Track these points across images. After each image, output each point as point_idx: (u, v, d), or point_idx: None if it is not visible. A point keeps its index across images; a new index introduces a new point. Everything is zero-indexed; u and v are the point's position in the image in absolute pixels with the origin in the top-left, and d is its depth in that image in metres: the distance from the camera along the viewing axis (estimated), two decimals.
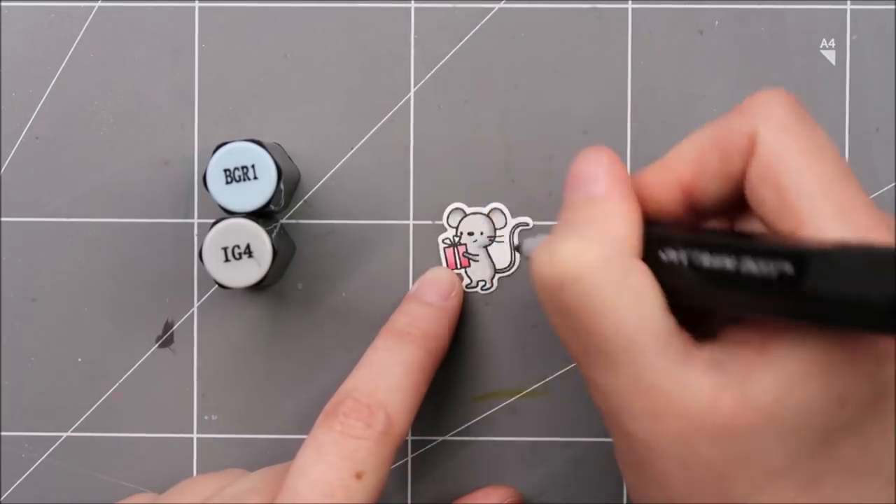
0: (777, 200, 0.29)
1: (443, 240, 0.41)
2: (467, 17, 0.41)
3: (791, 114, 0.30)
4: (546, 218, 0.41)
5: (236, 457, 0.41)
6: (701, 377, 0.29)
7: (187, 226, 0.41)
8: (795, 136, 0.30)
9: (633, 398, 0.30)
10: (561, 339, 0.32)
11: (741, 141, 0.30)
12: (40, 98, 0.41)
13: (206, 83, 0.41)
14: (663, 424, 0.29)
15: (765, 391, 0.28)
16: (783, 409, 0.28)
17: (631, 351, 0.30)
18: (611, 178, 0.32)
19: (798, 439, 0.28)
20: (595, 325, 0.30)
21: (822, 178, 0.29)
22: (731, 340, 0.30)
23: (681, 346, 0.30)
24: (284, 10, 0.41)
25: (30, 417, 0.41)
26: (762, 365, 0.28)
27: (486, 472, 0.41)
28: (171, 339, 0.41)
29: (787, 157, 0.29)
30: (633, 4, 0.41)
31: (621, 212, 0.31)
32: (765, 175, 0.30)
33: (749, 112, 0.30)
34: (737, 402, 0.28)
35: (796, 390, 0.28)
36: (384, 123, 0.41)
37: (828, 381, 0.28)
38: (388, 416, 0.35)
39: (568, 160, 0.41)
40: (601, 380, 0.31)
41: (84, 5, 0.41)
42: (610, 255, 0.30)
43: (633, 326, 0.30)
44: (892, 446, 0.29)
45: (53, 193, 0.41)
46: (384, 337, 0.38)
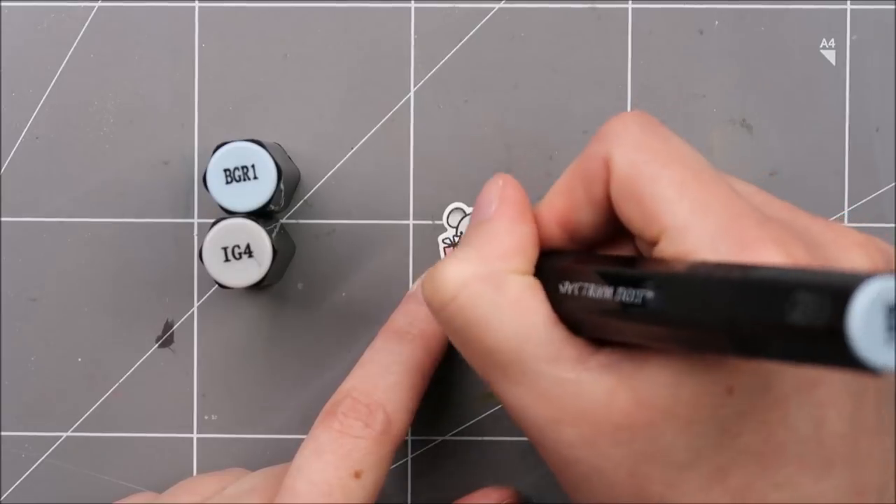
0: (639, 213, 0.30)
1: (443, 240, 0.41)
2: (467, 17, 0.41)
3: (641, 131, 0.31)
4: None
5: (236, 457, 0.41)
6: (595, 379, 0.30)
7: (187, 226, 0.41)
8: (646, 149, 0.30)
9: (533, 408, 0.31)
10: (465, 358, 0.32)
11: (598, 166, 0.31)
12: (40, 98, 0.41)
13: (206, 83, 0.41)
14: (566, 431, 0.30)
15: (656, 387, 0.29)
16: (676, 404, 0.29)
17: (519, 361, 0.31)
18: (500, 200, 0.33)
19: (696, 431, 0.29)
20: (480, 339, 0.31)
21: (674, 181, 0.30)
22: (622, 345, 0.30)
23: (573, 352, 0.30)
24: (284, 10, 0.41)
25: (30, 417, 0.41)
26: (654, 363, 0.29)
27: (486, 472, 0.41)
28: (171, 339, 0.41)
29: (640, 170, 0.30)
30: (633, 4, 0.41)
31: (504, 229, 0.32)
32: (623, 192, 0.30)
33: (602, 138, 0.31)
34: (631, 400, 0.29)
35: (685, 383, 0.28)
36: (384, 123, 0.41)
37: (714, 373, 0.28)
38: (386, 416, 0.35)
39: (568, 160, 0.41)
40: (504, 394, 0.31)
41: (84, 5, 0.41)
42: (485, 272, 0.31)
43: (516, 338, 0.31)
44: (797, 431, 0.29)
45: (53, 193, 0.41)
46: (383, 336, 0.38)
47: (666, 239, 0.29)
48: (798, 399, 0.29)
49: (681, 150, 0.31)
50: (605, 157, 0.31)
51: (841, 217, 0.41)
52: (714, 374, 0.28)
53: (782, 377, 0.29)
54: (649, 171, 0.30)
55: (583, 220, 0.32)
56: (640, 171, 0.30)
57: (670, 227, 0.29)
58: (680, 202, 0.29)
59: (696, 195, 0.29)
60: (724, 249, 0.28)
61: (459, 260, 0.32)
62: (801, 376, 0.29)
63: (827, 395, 0.29)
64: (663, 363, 0.29)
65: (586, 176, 0.32)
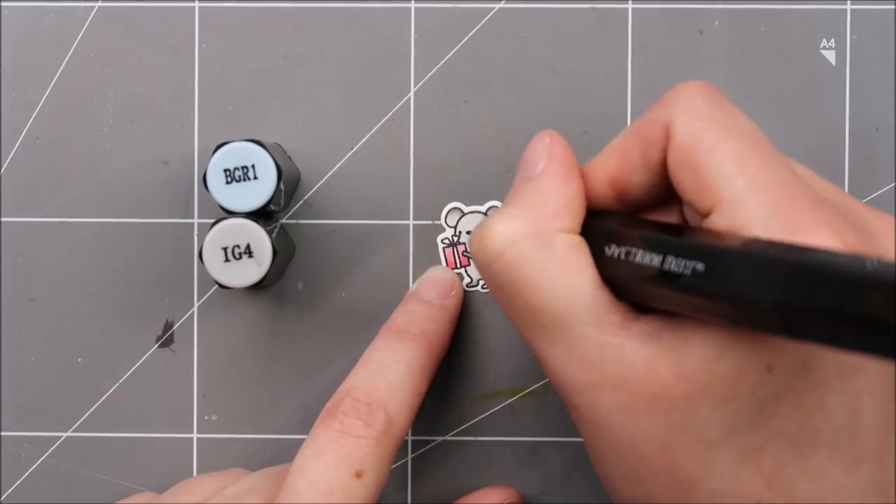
0: (695, 182, 0.30)
1: (442, 239, 0.41)
2: (467, 17, 0.41)
3: (705, 101, 0.31)
4: None
5: (236, 457, 0.41)
6: (637, 347, 0.30)
7: (187, 226, 0.41)
8: (708, 119, 0.30)
9: (573, 371, 0.30)
10: (507, 315, 0.32)
11: (658, 131, 0.31)
12: (40, 98, 0.41)
13: (206, 83, 0.41)
14: (604, 396, 0.30)
15: (696, 360, 0.29)
16: (715, 378, 0.29)
17: (563, 322, 0.30)
18: (548, 158, 0.33)
19: (733, 408, 0.29)
20: (525, 298, 0.31)
21: (734, 154, 0.29)
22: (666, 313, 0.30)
23: (616, 318, 0.30)
24: (284, 10, 0.41)
25: (30, 417, 0.41)
26: (695, 336, 0.29)
27: (486, 472, 0.41)
28: (171, 339, 0.41)
29: (700, 139, 0.30)
30: (633, 4, 0.41)
31: (552, 187, 0.32)
32: (681, 160, 0.30)
33: (666, 104, 0.31)
34: (671, 371, 0.29)
35: (726, 358, 0.28)
36: (384, 123, 0.41)
37: (756, 350, 0.28)
38: (387, 415, 0.35)
39: None
40: (543, 354, 0.31)
41: (84, 5, 0.41)
42: (534, 230, 0.31)
43: (563, 298, 0.30)
44: (834, 419, 0.29)
45: (53, 193, 0.41)
46: (384, 336, 0.38)
47: (719, 211, 0.29)
48: (838, 385, 0.29)
49: (744, 124, 0.30)
50: (667, 123, 0.31)
51: None
52: (755, 352, 0.28)
53: (823, 361, 0.29)
54: (709, 141, 0.30)
55: (635, 181, 0.32)
56: (700, 141, 0.30)
57: (725, 200, 0.29)
58: (737, 176, 0.29)
59: (755, 171, 0.29)
60: (778, 228, 0.28)
61: (508, 217, 0.32)
62: (842, 362, 0.29)
63: (866, 385, 0.29)
64: (705, 336, 0.29)
65: (645, 139, 0.31)
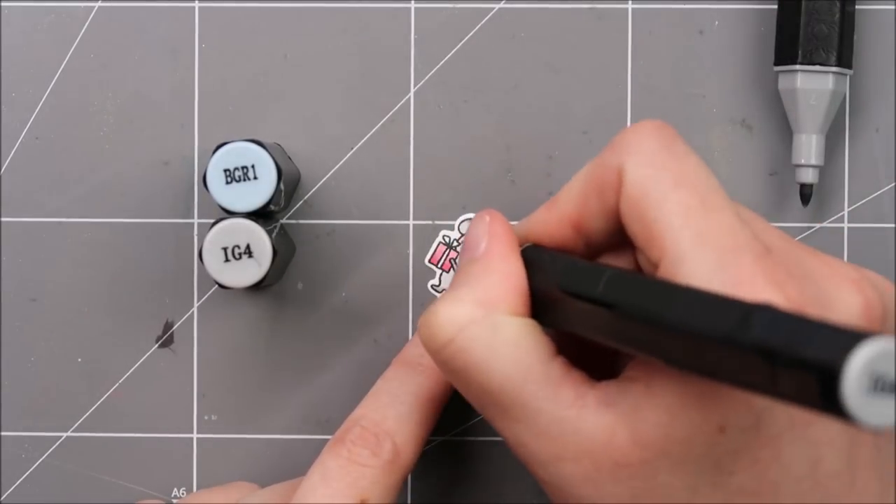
0: (643, 232, 0.30)
1: (444, 236, 0.41)
2: (467, 17, 0.41)
3: (657, 146, 0.31)
4: None
5: (236, 457, 0.41)
6: (593, 417, 0.30)
7: (187, 226, 0.41)
8: (659, 167, 0.30)
9: (534, 446, 0.31)
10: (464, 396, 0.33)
11: (611, 176, 0.31)
12: (40, 98, 0.41)
13: (206, 83, 0.41)
14: (568, 468, 0.30)
15: (651, 426, 0.29)
16: (670, 442, 0.29)
17: (519, 401, 0.31)
18: (490, 237, 0.33)
19: (691, 470, 0.29)
20: (478, 381, 0.31)
21: (680, 207, 0.30)
22: (623, 377, 0.31)
23: (570, 391, 0.31)
24: (284, 10, 0.41)
25: (30, 417, 0.41)
26: (648, 401, 0.29)
27: (486, 472, 0.41)
28: (171, 339, 0.41)
29: (649, 189, 0.30)
30: (633, 4, 0.41)
31: (496, 269, 0.33)
32: (630, 210, 0.30)
33: (617, 148, 0.31)
34: (628, 438, 0.29)
35: (679, 422, 0.29)
36: (384, 123, 0.41)
37: (705, 411, 0.28)
38: (395, 446, 0.35)
39: (568, 160, 0.41)
40: (503, 431, 0.32)
41: (84, 5, 0.41)
42: (480, 314, 0.31)
43: (515, 379, 0.31)
44: (792, 470, 0.29)
45: (53, 193, 0.41)
46: (395, 367, 0.38)
47: (664, 265, 0.29)
48: (791, 437, 0.29)
49: (694, 170, 0.31)
50: (619, 169, 0.31)
51: (841, 217, 0.41)
52: (705, 413, 0.29)
53: (775, 415, 0.29)
54: (658, 192, 0.30)
55: (595, 227, 0.32)
56: (648, 192, 0.30)
57: (670, 254, 0.29)
58: (682, 230, 0.29)
59: (699, 225, 0.29)
60: (720, 284, 0.28)
61: (454, 302, 0.32)
62: (794, 415, 0.29)
63: (823, 434, 0.29)
64: (657, 403, 0.29)
65: (600, 185, 0.32)
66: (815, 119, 0.39)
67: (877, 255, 0.40)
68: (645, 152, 0.31)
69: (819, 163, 0.39)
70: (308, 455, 0.39)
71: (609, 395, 0.30)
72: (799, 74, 0.39)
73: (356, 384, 0.40)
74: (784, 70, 0.39)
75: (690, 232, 0.29)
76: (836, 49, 0.38)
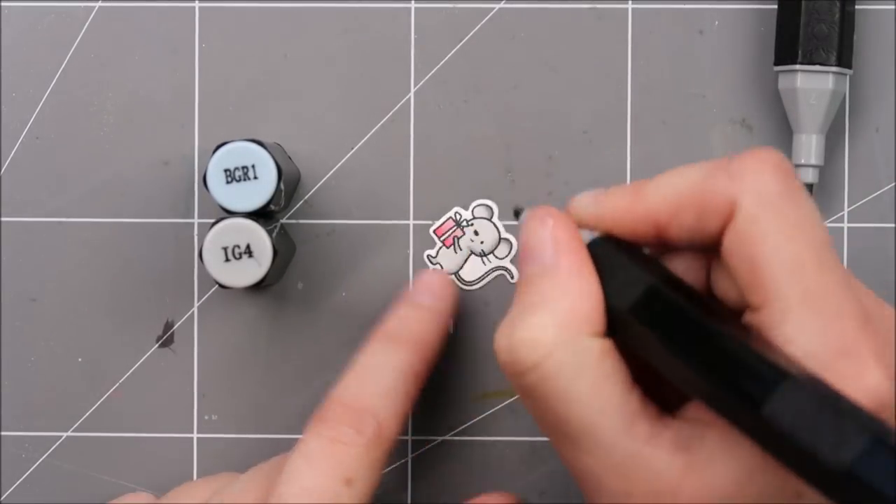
0: (748, 274, 0.29)
1: (455, 212, 0.40)
2: (467, 17, 0.41)
3: (776, 186, 0.30)
4: None
5: (236, 457, 0.41)
6: (667, 459, 0.29)
7: (187, 226, 0.41)
8: (776, 211, 0.29)
9: (603, 478, 0.30)
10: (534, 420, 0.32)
11: (721, 204, 0.30)
12: (40, 98, 0.41)
13: (206, 83, 0.41)
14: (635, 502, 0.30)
15: (727, 478, 0.29)
16: (743, 498, 0.28)
17: (595, 434, 0.30)
18: (557, 246, 0.31)
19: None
20: (557, 409, 0.30)
21: (794, 261, 0.29)
22: (695, 419, 0.30)
23: (646, 425, 0.30)
24: (284, 10, 0.41)
25: (30, 417, 0.41)
26: (725, 451, 0.29)
27: (486, 472, 0.41)
28: (171, 339, 0.41)
29: (763, 233, 0.29)
30: (633, 4, 0.41)
31: (573, 285, 0.31)
32: (739, 247, 0.29)
33: (735, 175, 0.30)
34: (701, 485, 0.29)
35: (756, 481, 0.28)
36: (384, 123, 0.41)
37: (785, 476, 0.28)
38: (377, 422, 0.35)
39: (568, 160, 0.41)
40: (573, 462, 0.31)
41: (84, 5, 0.41)
42: (566, 338, 0.30)
43: (594, 410, 0.30)
44: None
45: (53, 193, 0.41)
46: (374, 341, 0.37)
47: (766, 314, 0.29)
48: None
49: (809, 219, 0.30)
50: (731, 200, 0.30)
51: (841, 217, 0.41)
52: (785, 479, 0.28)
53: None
54: (773, 240, 0.29)
55: (680, 238, 0.31)
56: (763, 237, 0.29)
57: (775, 307, 0.29)
58: (793, 286, 0.29)
59: (810, 283, 0.29)
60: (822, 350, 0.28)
61: (538, 326, 0.30)
62: None
63: None
64: (736, 457, 0.29)
65: (703, 205, 0.30)
66: (815, 119, 0.39)
67: (877, 255, 0.40)
68: (764, 191, 0.30)
69: (819, 163, 0.39)
70: None
71: (683, 436, 0.30)
72: (799, 74, 0.39)
73: None
74: (784, 70, 0.39)
75: (800, 289, 0.28)
76: (836, 49, 0.38)
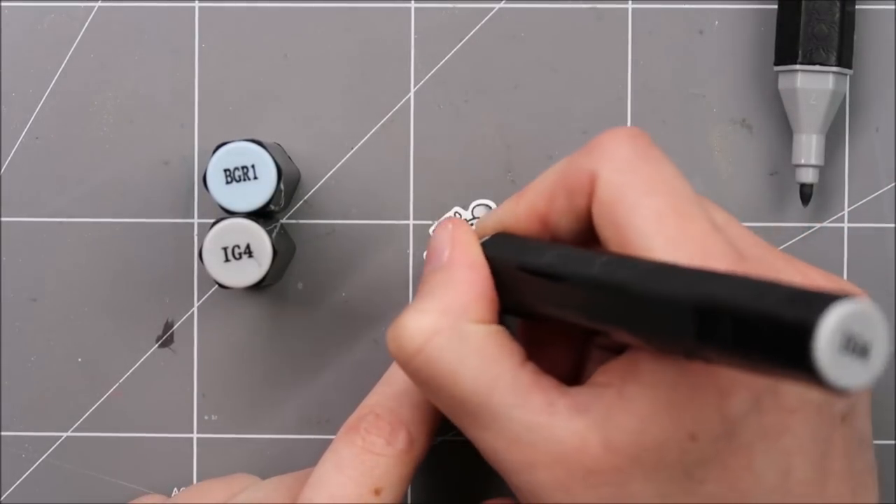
0: (616, 237, 0.30)
1: (456, 212, 0.40)
2: (467, 17, 0.41)
3: (632, 153, 0.31)
4: None
5: (236, 457, 0.41)
6: (567, 423, 0.30)
7: (187, 226, 0.41)
8: (633, 173, 0.31)
9: (507, 453, 0.31)
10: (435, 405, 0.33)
11: (583, 179, 0.31)
12: (40, 98, 0.41)
13: (206, 83, 0.41)
14: (540, 474, 0.30)
15: (622, 432, 0.29)
16: (642, 451, 0.29)
17: (489, 409, 0.31)
18: (453, 245, 0.33)
19: (662, 478, 0.29)
20: (448, 390, 0.31)
21: (653, 213, 0.30)
22: (594, 383, 0.31)
23: (542, 396, 0.31)
24: (284, 10, 0.41)
25: (30, 417, 0.41)
26: (620, 408, 0.29)
27: (486, 472, 0.41)
28: (171, 339, 0.41)
29: (622, 195, 0.30)
30: (633, 4, 0.41)
31: (461, 277, 0.33)
32: (603, 214, 0.31)
33: (592, 152, 0.31)
34: (600, 445, 0.29)
35: (650, 429, 0.29)
36: (384, 123, 0.41)
37: (677, 418, 0.29)
38: (409, 435, 0.35)
39: None
40: (475, 439, 0.32)
41: (84, 5, 0.41)
42: (448, 324, 0.32)
43: (484, 387, 0.31)
44: (763, 479, 0.29)
45: (53, 193, 0.41)
46: None
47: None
48: (763, 446, 0.29)
49: (668, 177, 0.31)
50: (591, 173, 0.31)
51: (841, 217, 0.41)
52: (677, 420, 0.29)
53: (746, 425, 0.29)
54: (631, 198, 0.30)
55: (563, 224, 0.33)
56: (622, 197, 0.30)
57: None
58: (654, 237, 0.29)
59: (672, 231, 0.30)
60: None
61: (420, 312, 0.32)
62: (766, 424, 0.29)
63: (794, 443, 0.29)
64: (628, 409, 0.29)
65: (570, 186, 0.32)
66: (815, 119, 0.39)
67: (877, 255, 0.40)
68: (619, 158, 0.31)
69: (819, 163, 0.39)
70: (308, 455, 0.40)
71: (580, 401, 0.30)
72: (799, 74, 0.39)
73: (356, 384, 0.40)
74: (784, 70, 0.39)
75: (662, 238, 0.29)
76: (836, 49, 0.38)
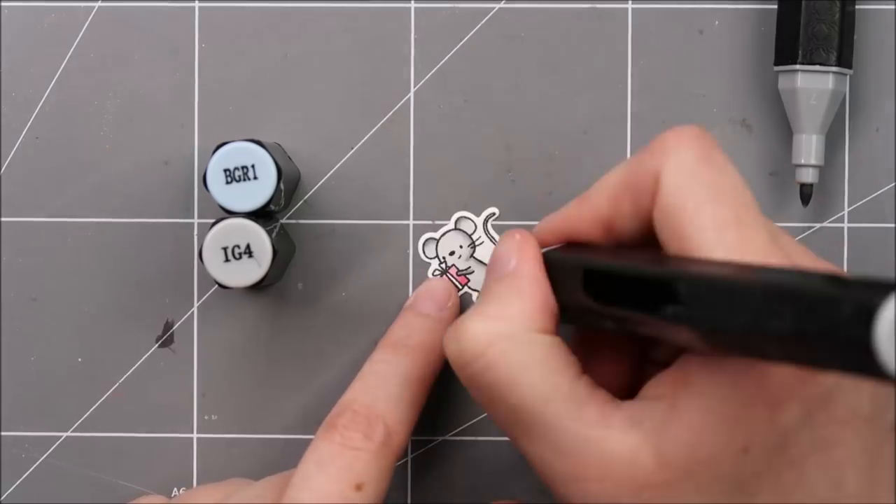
0: (675, 243, 0.30)
1: (432, 273, 0.41)
2: (467, 17, 0.41)
3: (696, 155, 0.31)
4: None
5: (236, 457, 0.41)
6: (619, 437, 0.30)
7: (187, 226, 0.41)
8: (696, 178, 0.30)
9: (557, 464, 0.31)
10: (486, 413, 0.33)
11: (648, 180, 0.31)
12: (40, 98, 0.41)
13: (206, 83, 0.41)
14: (591, 488, 0.30)
15: (676, 446, 0.29)
16: (695, 464, 0.29)
17: (543, 420, 0.31)
18: (520, 256, 0.33)
19: (714, 491, 0.29)
20: (505, 398, 0.31)
21: (715, 221, 0.30)
22: (646, 395, 0.31)
23: (596, 409, 0.31)
24: (284, 10, 0.41)
25: (30, 417, 0.41)
26: (673, 421, 0.29)
27: (486, 473, 0.41)
28: (171, 339, 0.41)
29: (685, 200, 0.30)
30: (633, 4, 0.41)
31: (527, 287, 0.33)
32: (664, 217, 0.30)
33: (657, 152, 0.31)
34: (653, 459, 0.29)
35: (704, 443, 0.29)
36: (384, 123, 0.41)
37: (730, 431, 0.29)
38: (386, 428, 0.35)
39: (568, 160, 0.41)
40: (526, 449, 0.32)
41: (84, 5, 0.41)
42: (511, 331, 0.32)
43: (541, 396, 0.31)
44: (815, 492, 0.29)
45: (53, 193, 0.41)
46: (382, 350, 0.38)
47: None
48: (815, 458, 0.29)
49: (731, 184, 0.30)
50: (656, 173, 0.31)
51: (841, 217, 0.41)
52: (730, 433, 0.29)
53: (799, 437, 0.29)
54: (693, 204, 0.30)
55: (627, 227, 0.32)
56: (685, 202, 0.30)
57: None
58: (715, 247, 0.29)
59: (733, 242, 0.29)
60: None
61: (484, 317, 0.32)
62: (818, 437, 0.29)
63: (845, 455, 0.29)
64: (681, 422, 0.29)
65: (635, 187, 0.31)
66: (815, 119, 0.39)
67: (877, 255, 0.40)
68: (683, 160, 0.31)
69: (819, 163, 0.39)
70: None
71: (633, 414, 0.30)
72: (799, 74, 0.39)
73: None
74: (784, 70, 0.39)
75: (723, 248, 0.29)
76: (836, 49, 0.38)
